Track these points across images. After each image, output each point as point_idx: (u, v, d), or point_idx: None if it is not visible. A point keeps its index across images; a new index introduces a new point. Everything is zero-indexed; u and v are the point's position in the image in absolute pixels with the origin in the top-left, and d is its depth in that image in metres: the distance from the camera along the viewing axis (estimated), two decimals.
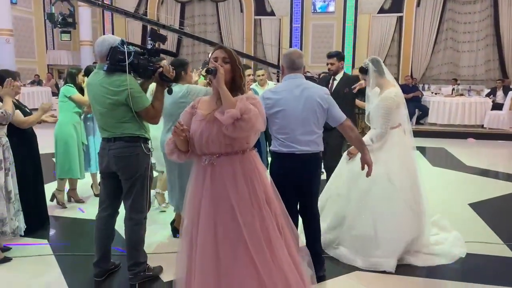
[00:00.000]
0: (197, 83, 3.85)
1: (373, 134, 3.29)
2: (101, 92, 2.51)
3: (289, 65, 2.75)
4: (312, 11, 15.72)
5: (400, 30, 15.08)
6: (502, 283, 2.91)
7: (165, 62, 3.03)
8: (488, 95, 10.64)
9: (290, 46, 15.70)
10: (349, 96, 4.28)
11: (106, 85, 2.49)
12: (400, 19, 15.05)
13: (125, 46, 2.42)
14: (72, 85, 4.42)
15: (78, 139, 4.46)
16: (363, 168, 2.80)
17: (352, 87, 4.19)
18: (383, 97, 3.24)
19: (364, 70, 3.41)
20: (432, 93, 12.04)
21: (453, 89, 10.86)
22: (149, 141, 2.70)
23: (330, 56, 4.42)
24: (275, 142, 2.74)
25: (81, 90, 4.43)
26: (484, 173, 6.50)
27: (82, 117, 4.61)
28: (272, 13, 16.17)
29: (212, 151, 1.92)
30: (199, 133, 1.91)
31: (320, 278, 2.83)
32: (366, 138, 3.24)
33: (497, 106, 9.66)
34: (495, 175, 6.53)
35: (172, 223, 3.67)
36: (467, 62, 14.99)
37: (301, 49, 15.56)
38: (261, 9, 16.23)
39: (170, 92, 2.58)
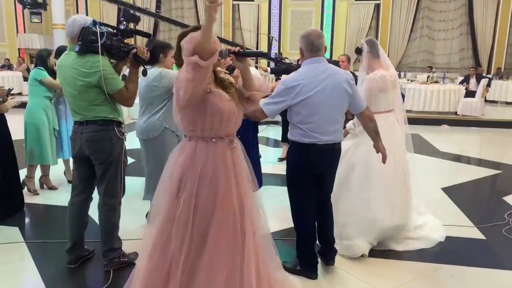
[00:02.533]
0: None
1: (355, 119, 3.23)
2: (73, 74, 2.43)
3: (309, 47, 2.51)
4: None
5: (378, 17, 15.22)
6: (476, 263, 3.01)
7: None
8: (461, 82, 10.87)
9: (269, 32, 15.63)
10: None
11: (78, 66, 2.41)
12: (377, 7, 15.17)
13: (97, 27, 2.33)
14: (42, 68, 4.26)
15: (49, 124, 4.32)
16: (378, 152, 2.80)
17: None
18: (367, 78, 3.18)
19: (359, 51, 3.36)
20: (408, 80, 12.22)
21: (428, 77, 11.04)
22: (123, 125, 2.64)
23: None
24: (296, 132, 2.55)
25: (52, 74, 4.27)
26: (457, 158, 6.66)
27: (53, 101, 4.46)
28: None
29: (233, 132, 1.99)
30: (232, 113, 1.90)
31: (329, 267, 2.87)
32: (349, 123, 3.23)
33: (470, 94, 9.88)
34: (467, 160, 6.70)
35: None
36: (442, 50, 15.27)
37: (279, 35, 15.53)
38: None
39: (144, 74, 2.51)
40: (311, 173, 2.57)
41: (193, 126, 1.89)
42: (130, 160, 4.31)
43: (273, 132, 8.07)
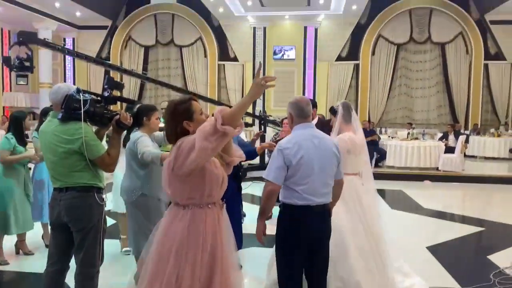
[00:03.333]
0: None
1: None
2: (54, 141, 2.44)
3: (298, 113, 2.63)
4: (274, 57, 16.26)
5: (357, 76, 15.81)
6: None
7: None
8: (441, 138, 11.17)
9: None
10: None
11: (59, 133, 2.42)
12: (356, 67, 15.81)
13: (80, 94, 2.38)
14: (12, 135, 4.05)
15: (21, 190, 4.13)
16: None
17: None
18: (337, 138, 3.30)
19: (333, 111, 3.51)
20: (389, 136, 12.51)
21: (408, 133, 11.33)
22: (103, 191, 2.61)
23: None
24: (289, 194, 2.55)
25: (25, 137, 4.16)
26: (441, 215, 6.70)
27: (30, 167, 4.35)
28: (235, 59, 16.59)
29: (222, 195, 2.06)
30: (224, 178, 2.01)
31: None
32: None
33: (449, 150, 10.13)
34: (451, 217, 6.74)
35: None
36: (420, 107, 15.80)
37: (263, 94, 15.93)
38: (225, 54, 16.63)
39: (127, 140, 2.53)
40: (304, 238, 2.53)
41: (192, 194, 1.92)
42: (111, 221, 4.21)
43: (259, 188, 8.04)
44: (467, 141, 10.36)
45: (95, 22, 16.10)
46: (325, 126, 4.18)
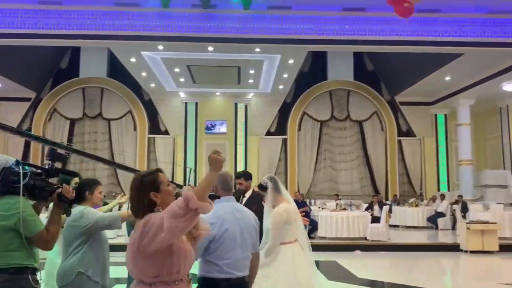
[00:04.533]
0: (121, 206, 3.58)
1: (264, 248, 3.37)
2: None
3: (223, 186, 2.72)
4: (206, 131, 16.55)
5: (286, 150, 16.51)
6: None
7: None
8: (366, 209, 11.78)
9: (185, 164, 15.98)
10: (258, 213, 4.41)
11: None
12: (285, 141, 16.57)
13: (20, 167, 2.24)
14: None
15: None
16: None
17: None
18: (273, 212, 3.42)
19: (263, 187, 3.62)
20: (319, 207, 12.92)
21: (337, 204, 11.81)
22: (38, 272, 2.37)
23: (238, 176, 4.58)
24: (209, 268, 2.52)
25: None
26: (373, 284, 6.87)
27: None
28: (166, 132, 16.60)
29: (188, 272, 1.99)
30: (192, 253, 1.95)
31: None
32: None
33: (375, 219, 10.67)
34: (382, 285, 6.94)
35: None
36: (344, 179, 16.69)
37: (195, 166, 15.91)
38: (155, 128, 16.61)
39: (68, 214, 2.39)
40: None
41: (159, 272, 1.83)
42: None
43: None
44: (390, 211, 11.01)
45: (17, 93, 15.43)
46: (260, 198, 4.28)
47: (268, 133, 16.63)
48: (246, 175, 4.67)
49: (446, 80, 14.41)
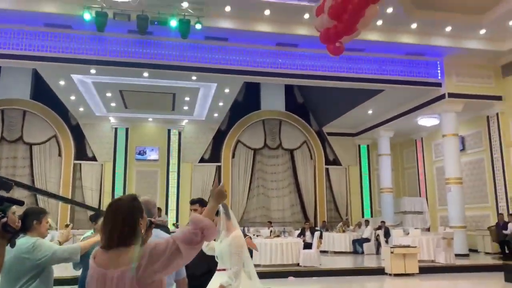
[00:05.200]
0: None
1: (230, 273, 3.35)
2: None
3: (145, 213, 2.75)
4: (136, 157, 16.10)
5: (219, 177, 16.54)
6: None
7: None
8: (299, 235, 12.11)
9: (113, 191, 15.35)
10: None
11: None
12: (219, 168, 16.62)
13: None
14: None
15: None
16: None
17: None
18: (234, 236, 3.44)
19: (216, 212, 3.65)
20: (254, 235, 13.02)
21: (270, 231, 12.00)
22: None
23: (192, 202, 4.54)
24: None
25: None
26: None
27: None
28: (94, 158, 15.90)
29: None
30: None
31: None
32: (224, 280, 3.30)
33: (307, 245, 10.99)
34: None
35: None
36: (276, 206, 17.04)
37: (124, 193, 15.32)
38: (82, 153, 15.85)
39: (12, 245, 2.24)
40: None
41: None
42: None
43: None
44: (321, 237, 11.41)
45: None
46: None
47: (202, 160, 16.60)
48: (201, 201, 4.66)
49: (369, 113, 15.57)
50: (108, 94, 13.43)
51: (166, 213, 15.28)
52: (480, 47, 11.95)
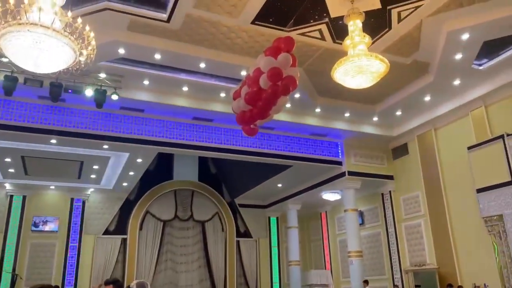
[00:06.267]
0: None
1: None
2: None
3: None
4: (33, 229, 14.71)
5: (125, 251, 15.64)
6: None
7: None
8: None
9: (0, 265, 13.69)
10: None
11: None
12: (124, 241, 15.76)
13: None
14: None
15: None
16: None
17: None
18: None
19: None
20: None
21: None
22: None
23: (107, 283, 4.65)
24: None
25: None
26: None
27: None
28: None
29: None
30: None
31: None
32: None
33: None
34: None
35: None
36: (184, 282, 16.40)
37: (13, 269, 13.73)
38: None
39: None
40: None
41: None
42: None
43: None
44: None
45: None
46: None
47: (107, 232, 15.66)
48: (116, 282, 4.77)
49: (278, 186, 16.31)
50: (7, 159, 12.46)
51: None
52: (373, 132, 13.52)
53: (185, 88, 10.94)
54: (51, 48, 5.59)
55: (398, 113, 12.74)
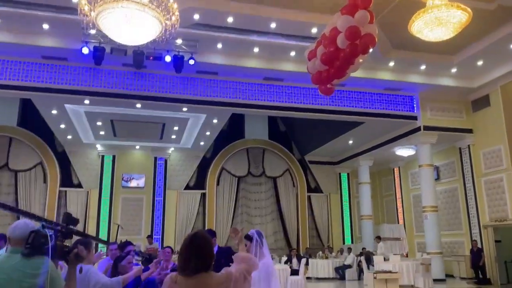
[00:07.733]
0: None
1: None
2: (16, 276, 2.39)
3: None
4: (122, 185, 16.24)
5: (204, 204, 16.80)
6: None
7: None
8: (286, 262, 12.45)
9: (98, 217, 15.42)
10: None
11: (24, 268, 2.41)
12: (203, 195, 16.89)
13: (46, 230, 2.49)
14: None
15: None
16: None
17: None
18: (263, 263, 3.75)
19: (249, 237, 3.96)
20: None
21: None
22: None
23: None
24: None
25: None
26: None
27: None
28: (79, 185, 15.96)
29: None
30: None
31: None
32: None
33: (294, 272, 11.35)
34: None
35: None
36: None
37: (109, 219, 15.41)
38: (68, 181, 15.89)
39: (81, 271, 2.63)
40: None
41: None
42: None
43: None
44: (307, 263, 11.82)
45: None
46: (225, 253, 4.63)
47: (187, 187, 16.86)
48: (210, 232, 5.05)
49: (349, 143, 16.32)
50: (99, 123, 13.71)
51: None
52: (452, 84, 12.93)
53: (256, 49, 11.16)
54: (142, 22, 6.07)
55: (479, 62, 12.02)
